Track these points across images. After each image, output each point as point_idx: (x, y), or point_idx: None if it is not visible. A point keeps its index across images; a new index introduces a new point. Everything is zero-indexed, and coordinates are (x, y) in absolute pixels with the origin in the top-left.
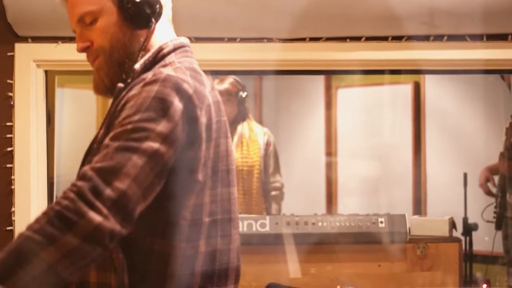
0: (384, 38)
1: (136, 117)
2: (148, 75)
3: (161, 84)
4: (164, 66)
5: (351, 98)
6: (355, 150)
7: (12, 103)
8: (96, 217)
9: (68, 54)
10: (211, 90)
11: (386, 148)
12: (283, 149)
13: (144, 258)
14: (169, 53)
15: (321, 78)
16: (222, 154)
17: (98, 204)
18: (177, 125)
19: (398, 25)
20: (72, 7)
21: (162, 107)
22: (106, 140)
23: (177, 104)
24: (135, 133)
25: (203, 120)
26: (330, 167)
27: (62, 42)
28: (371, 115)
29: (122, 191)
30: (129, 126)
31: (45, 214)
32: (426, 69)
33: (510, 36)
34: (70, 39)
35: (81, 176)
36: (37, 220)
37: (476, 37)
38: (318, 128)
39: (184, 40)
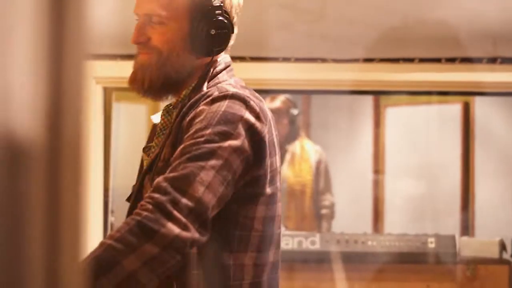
0: (437, 60)
1: (208, 131)
2: (214, 92)
3: (230, 100)
4: (218, 83)
5: (400, 117)
6: (403, 168)
7: None
8: (175, 227)
9: (126, 71)
10: (265, 106)
11: (434, 167)
12: (331, 167)
13: (215, 272)
14: (221, 71)
15: (369, 97)
16: (277, 170)
17: (176, 213)
18: (246, 139)
19: (451, 46)
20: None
21: (232, 122)
22: (177, 152)
23: (246, 120)
24: (206, 144)
25: (267, 136)
26: (377, 186)
27: (121, 60)
28: (419, 134)
29: (197, 199)
30: (201, 139)
31: (126, 223)
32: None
33: None
34: (128, 57)
35: (156, 188)
36: (118, 230)
37: None
38: (366, 146)
39: (229, 58)
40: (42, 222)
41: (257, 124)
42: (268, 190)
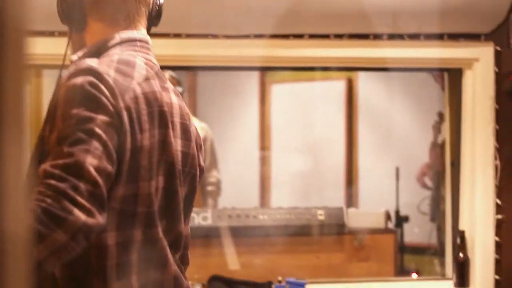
0: (326, 36)
1: (75, 111)
2: (73, 68)
3: (83, 75)
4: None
5: (285, 93)
6: (289, 145)
7: None
8: (81, 214)
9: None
10: (144, 81)
11: (319, 143)
12: (217, 145)
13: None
14: (114, 46)
15: (255, 74)
16: (157, 145)
17: (80, 199)
18: (109, 114)
19: (340, 23)
20: None
21: (91, 98)
22: (55, 137)
23: (102, 94)
24: (80, 125)
25: (125, 111)
26: (264, 162)
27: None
28: (305, 111)
29: (94, 182)
30: (73, 120)
31: (31, 211)
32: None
33: (445, 36)
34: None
35: (50, 175)
36: None
37: (413, 36)
38: (253, 123)
39: (136, 35)
40: None
41: (110, 99)
42: (127, 167)
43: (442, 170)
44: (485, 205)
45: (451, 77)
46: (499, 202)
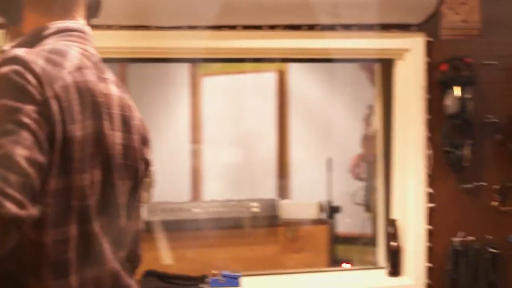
0: (259, 27)
1: (1, 101)
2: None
3: (11, 64)
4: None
5: (216, 86)
6: (220, 138)
7: None
8: (12, 205)
9: None
10: (76, 71)
11: (251, 135)
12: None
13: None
14: (49, 36)
15: (185, 66)
16: (90, 136)
17: (10, 191)
18: (36, 103)
19: (273, 14)
20: None
21: (17, 87)
22: None
23: (28, 83)
24: (8, 116)
25: (54, 100)
26: (195, 155)
27: None
28: (236, 103)
29: (25, 174)
30: None
31: None
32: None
33: (376, 27)
34: None
35: None
36: None
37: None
38: (184, 116)
39: (73, 25)
40: None
41: (37, 87)
42: (58, 159)
43: (374, 161)
44: (417, 194)
45: (382, 68)
46: (431, 190)
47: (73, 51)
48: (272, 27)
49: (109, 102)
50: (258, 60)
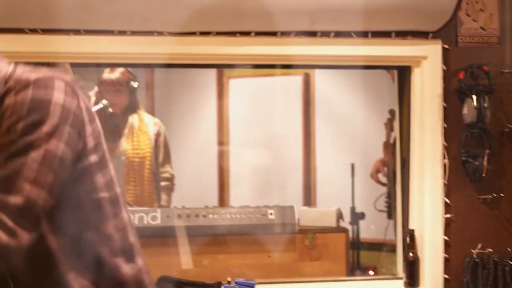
0: (273, 34)
1: (19, 125)
2: (16, 85)
3: (34, 86)
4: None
5: (243, 88)
6: (247, 140)
7: None
8: (2, 235)
9: None
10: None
11: (277, 138)
12: (175, 141)
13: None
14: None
15: (213, 69)
16: (101, 133)
17: (3, 218)
18: (61, 120)
19: (286, 21)
20: None
21: (42, 108)
22: None
23: (56, 100)
24: (21, 138)
25: (82, 104)
26: (222, 158)
27: None
28: (262, 106)
29: (25, 197)
30: (14, 135)
31: None
32: (313, 64)
33: (393, 34)
34: None
35: None
36: None
37: (361, 34)
38: (211, 118)
39: None
40: None
41: (67, 99)
42: (95, 157)
43: (394, 167)
44: (434, 204)
45: (400, 75)
46: (447, 201)
47: None
48: (286, 34)
49: None
50: (285, 66)
